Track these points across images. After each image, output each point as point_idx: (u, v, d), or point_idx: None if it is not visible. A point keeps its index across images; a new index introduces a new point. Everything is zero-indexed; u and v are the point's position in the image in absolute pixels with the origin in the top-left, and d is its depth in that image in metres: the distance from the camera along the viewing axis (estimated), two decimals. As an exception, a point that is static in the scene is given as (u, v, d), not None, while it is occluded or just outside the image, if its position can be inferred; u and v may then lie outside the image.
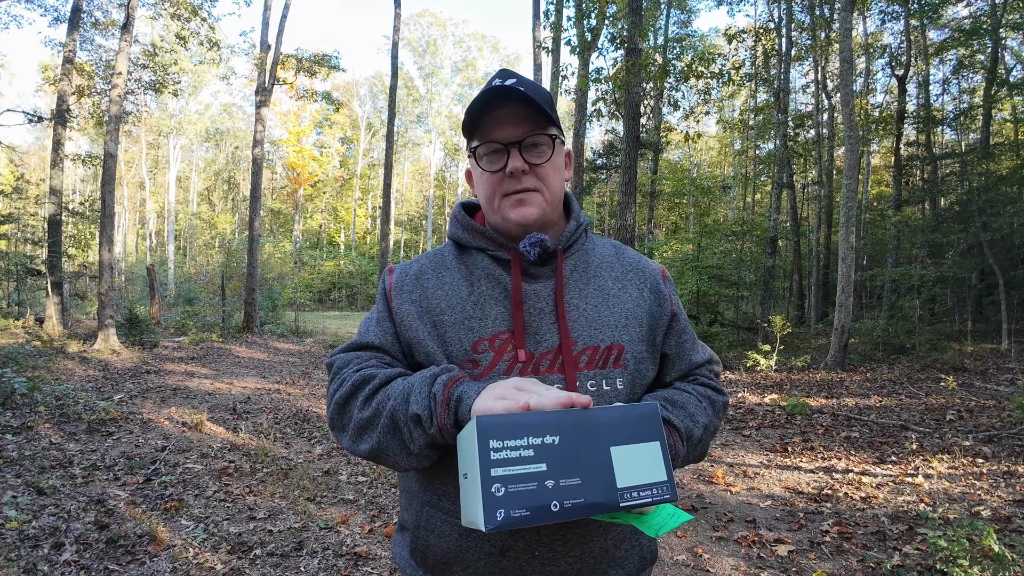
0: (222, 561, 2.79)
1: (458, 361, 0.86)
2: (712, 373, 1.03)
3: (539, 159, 0.89)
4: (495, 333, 0.87)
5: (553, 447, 0.64)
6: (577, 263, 0.95)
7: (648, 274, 1.00)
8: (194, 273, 22.81)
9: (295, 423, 5.73)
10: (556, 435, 0.65)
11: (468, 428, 0.67)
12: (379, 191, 36.95)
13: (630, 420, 0.69)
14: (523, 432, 0.64)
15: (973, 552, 2.65)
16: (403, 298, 0.93)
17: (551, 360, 0.87)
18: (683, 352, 0.99)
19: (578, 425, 0.66)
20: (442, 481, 0.88)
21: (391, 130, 17.29)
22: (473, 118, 0.89)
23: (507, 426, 0.64)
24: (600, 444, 0.66)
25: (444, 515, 0.88)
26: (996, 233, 12.52)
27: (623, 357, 0.90)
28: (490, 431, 0.63)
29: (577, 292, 0.92)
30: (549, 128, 0.90)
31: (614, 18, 9.61)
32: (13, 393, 5.39)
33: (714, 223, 19.21)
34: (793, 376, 9.26)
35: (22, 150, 27.12)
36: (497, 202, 0.91)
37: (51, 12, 13.92)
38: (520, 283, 0.89)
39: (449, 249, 0.99)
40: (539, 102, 0.85)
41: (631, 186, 8.80)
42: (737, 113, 25.99)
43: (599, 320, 0.90)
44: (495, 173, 0.89)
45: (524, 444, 0.63)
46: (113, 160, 10.44)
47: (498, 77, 0.90)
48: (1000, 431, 5.35)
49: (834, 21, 15.85)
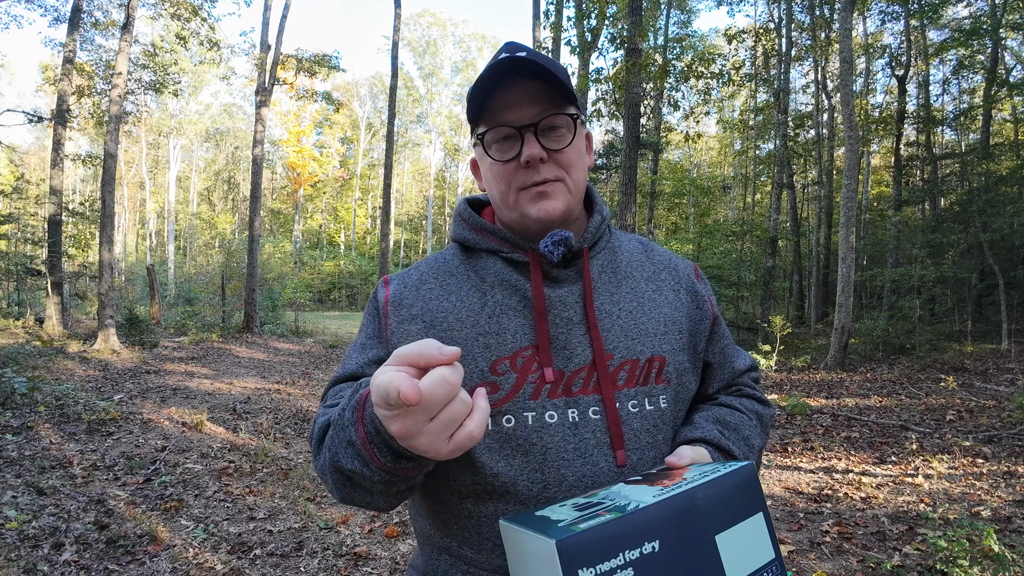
0: (222, 561, 2.79)
1: (473, 386, 0.72)
2: (755, 381, 0.92)
3: (559, 143, 0.75)
4: (516, 350, 0.74)
5: (654, 557, 0.50)
6: (604, 264, 0.82)
7: (682, 273, 0.88)
8: (194, 273, 22.83)
9: (295, 423, 5.73)
10: (656, 539, 0.51)
11: (528, 542, 0.52)
12: (379, 191, 36.95)
13: (731, 494, 0.56)
14: (619, 546, 0.49)
15: (973, 552, 2.64)
16: (402, 315, 0.79)
17: (584, 379, 0.74)
18: (726, 359, 0.88)
19: (680, 517, 0.53)
20: (461, 525, 0.74)
21: (391, 130, 17.30)
22: (478, 99, 0.75)
23: (597, 544, 0.48)
24: (705, 536, 0.53)
25: (466, 565, 0.74)
26: (996, 233, 12.52)
27: (665, 370, 0.77)
28: (578, 556, 0.47)
29: (608, 297, 0.79)
30: (568, 107, 0.76)
31: (614, 18, 9.62)
32: (13, 393, 5.39)
33: (714, 223, 19.23)
34: (793, 376, 9.26)
35: (22, 150, 27.12)
36: (513, 197, 0.77)
37: (51, 12, 13.94)
38: (542, 289, 0.76)
39: (453, 253, 0.85)
40: (556, 74, 0.72)
41: (631, 186, 8.80)
42: (737, 113, 26.00)
43: (636, 329, 0.78)
44: (508, 163, 0.76)
45: (621, 563, 0.49)
46: (113, 160, 10.44)
47: (505, 51, 0.76)
48: (1000, 431, 5.35)
49: (834, 21, 15.86)
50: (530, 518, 0.56)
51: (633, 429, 0.74)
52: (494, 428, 0.72)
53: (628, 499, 0.56)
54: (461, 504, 0.74)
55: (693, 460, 0.69)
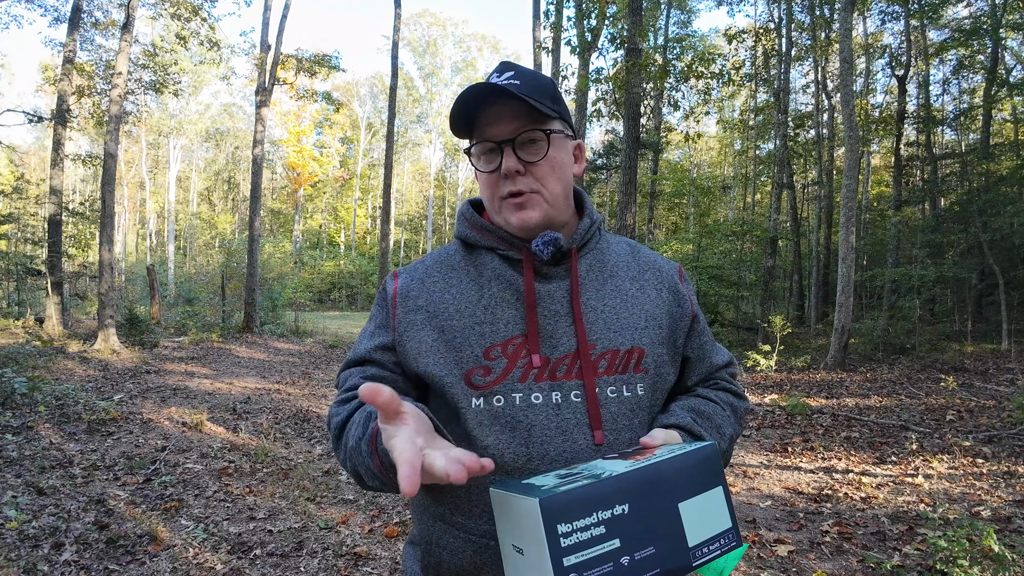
0: (222, 561, 2.79)
1: (469, 368, 0.81)
2: (731, 376, 1.00)
3: (534, 156, 0.84)
4: (508, 338, 0.82)
5: (624, 518, 0.57)
6: (592, 263, 0.90)
7: (665, 273, 0.95)
8: (194, 273, 22.84)
9: (295, 423, 5.73)
10: (626, 503, 0.58)
11: (514, 503, 0.59)
12: (379, 191, 36.95)
13: (693, 468, 0.63)
14: (593, 506, 0.56)
15: (973, 552, 2.64)
16: (409, 306, 0.87)
17: (568, 365, 0.82)
18: (704, 354, 0.96)
19: (647, 485, 0.59)
20: (455, 493, 0.82)
21: (391, 130, 17.30)
22: (464, 117, 0.84)
23: (575, 503, 0.55)
24: (668, 503, 0.60)
25: (458, 531, 0.82)
26: (996, 233, 12.52)
27: (644, 361, 0.85)
28: (557, 512, 0.54)
29: (594, 293, 0.87)
30: (546, 123, 0.84)
31: (614, 18, 9.62)
32: (13, 393, 5.39)
33: (714, 223, 19.20)
34: (793, 376, 9.26)
35: (22, 150, 27.12)
36: (497, 203, 0.87)
37: (51, 12, 13.92)
38: (533, 284, 0.84)
39: (456, 248, 0.93)
40: (528, 97, 0.80)
41: (631, 186, 8.81)
42: (737, 113, 25.99)
43: (618, 322, 0.86)
44: (491, 174, 0.85)
45: (595, 521, 0.56)
46: (113, 160, 10.44)
47: (496, 72, 0.86)
48: (1000, 431, 5.35)
49: (834, 21, 15.85)
50: (516, 485, 0.63)
51: (611, 412, 0.82)
52: (485, 407, 0.81)
53: (604, 469, 0.63)
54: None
55: (665, 441, 0.77)
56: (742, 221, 18.71)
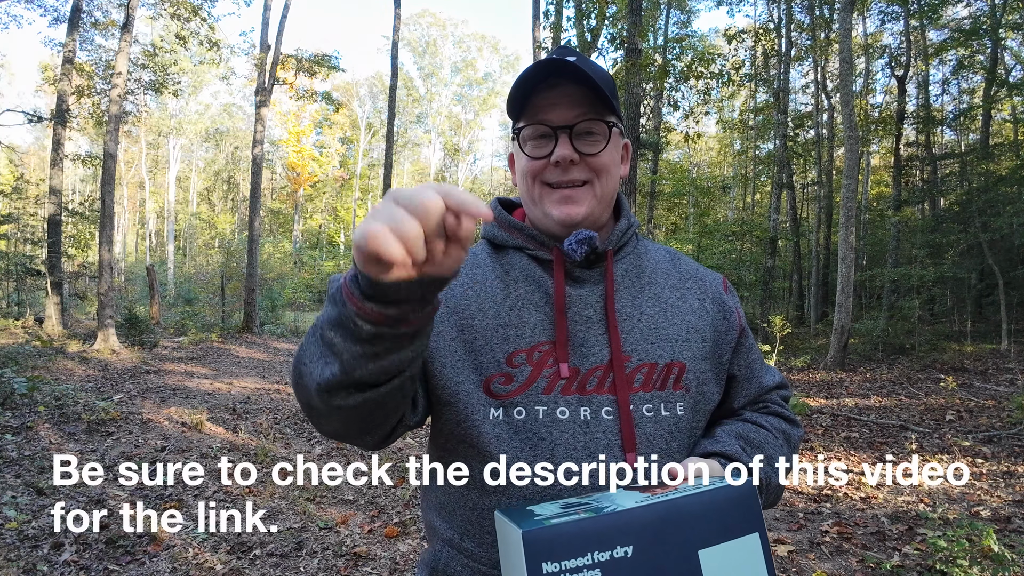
0: (222, 561, 2.79)
1: (489, 375, 0.74)
2: (784, 399, 0.90)
3: (592, 148, 0.76)
4: (534, 344, 0.74)
5: (625, 562, 0.49)
6: (629, 267, 0.83)
7: (709, 283, 0.87)
8: (194, 273, 22.84)
9: (295, 423, 5.73)
10: (629, 544, 0.49)
11: (507, 532, 0.52)
12: (379, 191, 36.94)
13: (722, 509, 0.54)
14: (588, 545, 0.48)
15: (973, 552, 2.64)
16: None
17: (600, 378, 0.74)
18: (753, 374, 0.87)
19: (658, 525, 0.51)
20: (465, 517, 0.75)
21: (391, 130, 17.30)
22: (521, 96, 0.76)
23: (564, 539, 0.48)
24: (686, 549, 0.51)
25: (466, 558, 0.75)
26: (996, 233, 12.52)
27: (684, 377, 0.77)
28: (541, 549, 0.47)
29: (630, 300, 0.79)
30: (607, 115, 0.77)
31: (614, 18, 9.62)
32: (13, 393, 5.39)
33: (714, 223, 19.22)
34: (793, 376, 9.27)
35: (22, 150, 27.10)
36: (538, 191, 0.79)
37: (51, 12, 13.94)
38: (563, 286, 0.77)
39: (483, 247, 0.87)
40: (598, 83, 0.73)
41: (631, 186, 8.80)
42: (737, 113, 25.99)
43: (656, 333, 0.77)
44: (539, 160, 0.77)
45: (588, 563, 0.48)
46: (113, 160, 10.45)
47: (556, 53, 0.78)
48: (1000, 431, 5.35)
49: (834, 21, 15.86)
50: (518, 511, 0.56)
51: (646, 433, 0.73)
52: (504, 419, 0.73)
53: (611, 503, 0.55)
54: (467, 494, 0.75)
55: (700, 472, 0.68)
56: (742, 221, 18.72)
